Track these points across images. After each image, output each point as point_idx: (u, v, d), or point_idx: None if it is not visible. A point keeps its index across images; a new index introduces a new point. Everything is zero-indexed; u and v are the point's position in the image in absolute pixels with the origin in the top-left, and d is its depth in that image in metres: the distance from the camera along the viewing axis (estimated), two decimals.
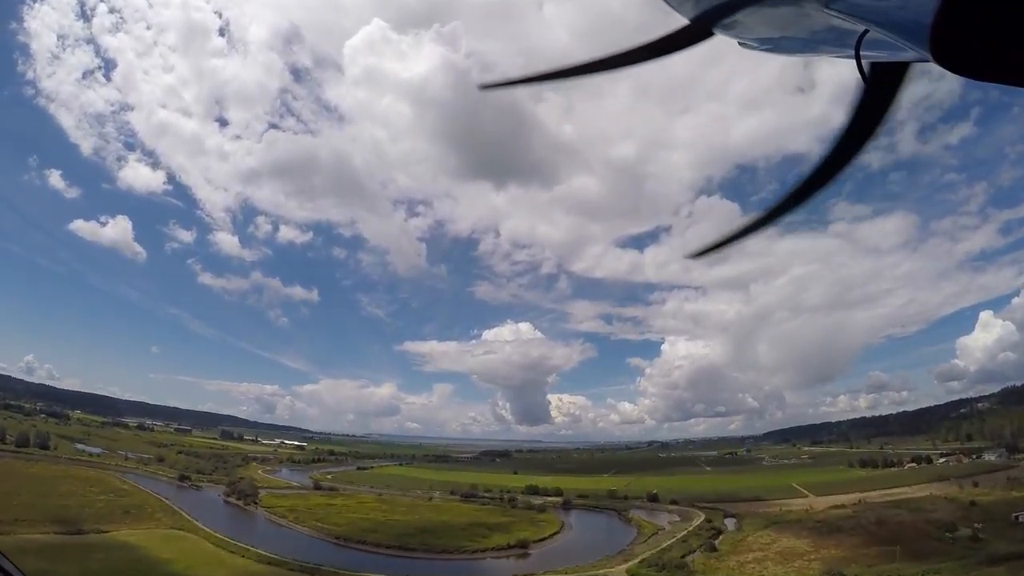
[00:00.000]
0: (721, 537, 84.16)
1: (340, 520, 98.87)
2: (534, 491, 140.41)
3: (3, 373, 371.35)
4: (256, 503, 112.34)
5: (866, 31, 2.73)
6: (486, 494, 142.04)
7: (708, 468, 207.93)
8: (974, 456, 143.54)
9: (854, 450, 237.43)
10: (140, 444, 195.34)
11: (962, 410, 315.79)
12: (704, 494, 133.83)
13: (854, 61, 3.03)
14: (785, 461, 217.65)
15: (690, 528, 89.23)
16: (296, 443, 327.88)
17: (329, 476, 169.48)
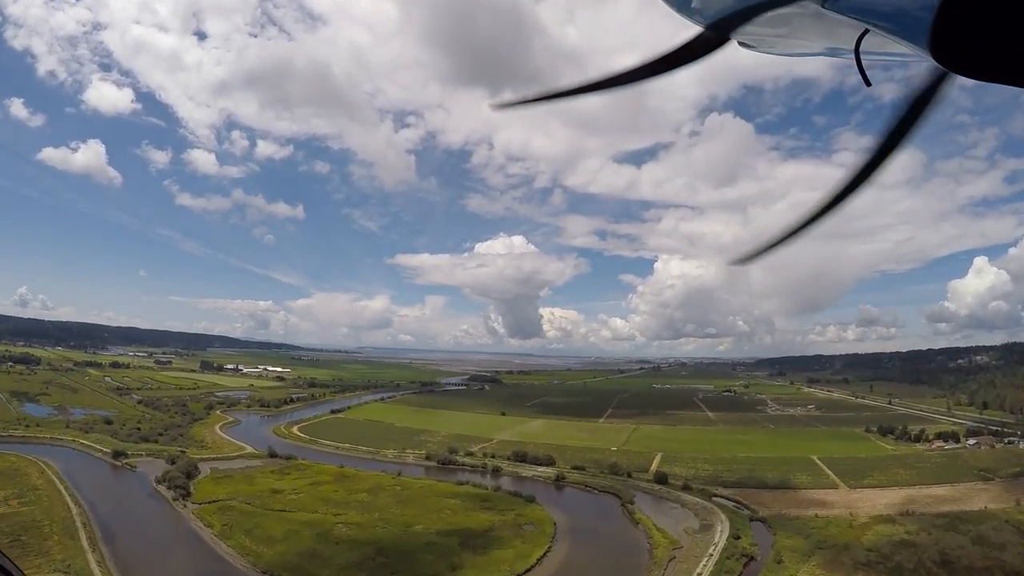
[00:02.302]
0: (758, 572, 63.66)
1: (277, 531, 77.66)
2: (522, 458, 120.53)
3: None
4: (188, 495, 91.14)
5: (866, 31, 2.75)
6: (467, 460, 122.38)
7: (712, 415, 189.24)
8: (1007, 441, 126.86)
9: (859, 400, 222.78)
10: (99, 396, 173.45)
11: (959, 361, 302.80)
12: (717, 465, 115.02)
13: (854, 61, 3.04)
14: (791, 411, 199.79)
15: (714, 552, 68.72)
16: (279, 370, 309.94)
17: (295, 428, 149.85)
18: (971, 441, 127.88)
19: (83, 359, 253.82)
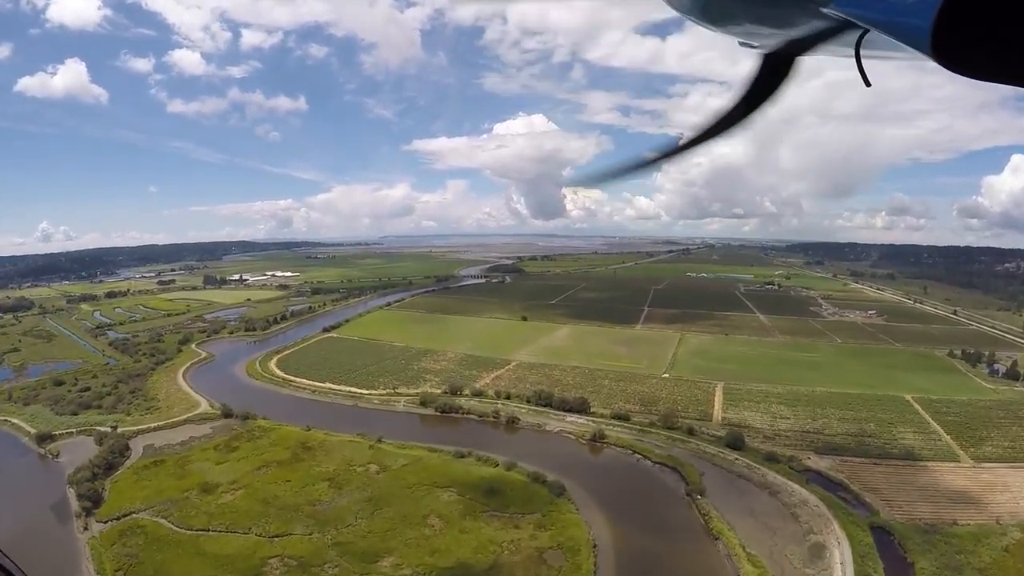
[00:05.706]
0: None
1: None
2: (547, 402, 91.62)
3: (7, 255, 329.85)
4: (97, 505, 66.25)
5: (866, 31, 2.72)
6: (473, 404, 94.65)
7: (764, 319, 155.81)
8: None
9: (917, 305, 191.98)
10: (71, 344, 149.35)
11: (1007, 265, 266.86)
12: (796, 408, 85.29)
13: (854, 61, 3.00)
14: (851, 316, 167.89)
15: None
16: (287, 275, 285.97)
17: (273, 361, 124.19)
18: None
19: (82, 291, 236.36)
